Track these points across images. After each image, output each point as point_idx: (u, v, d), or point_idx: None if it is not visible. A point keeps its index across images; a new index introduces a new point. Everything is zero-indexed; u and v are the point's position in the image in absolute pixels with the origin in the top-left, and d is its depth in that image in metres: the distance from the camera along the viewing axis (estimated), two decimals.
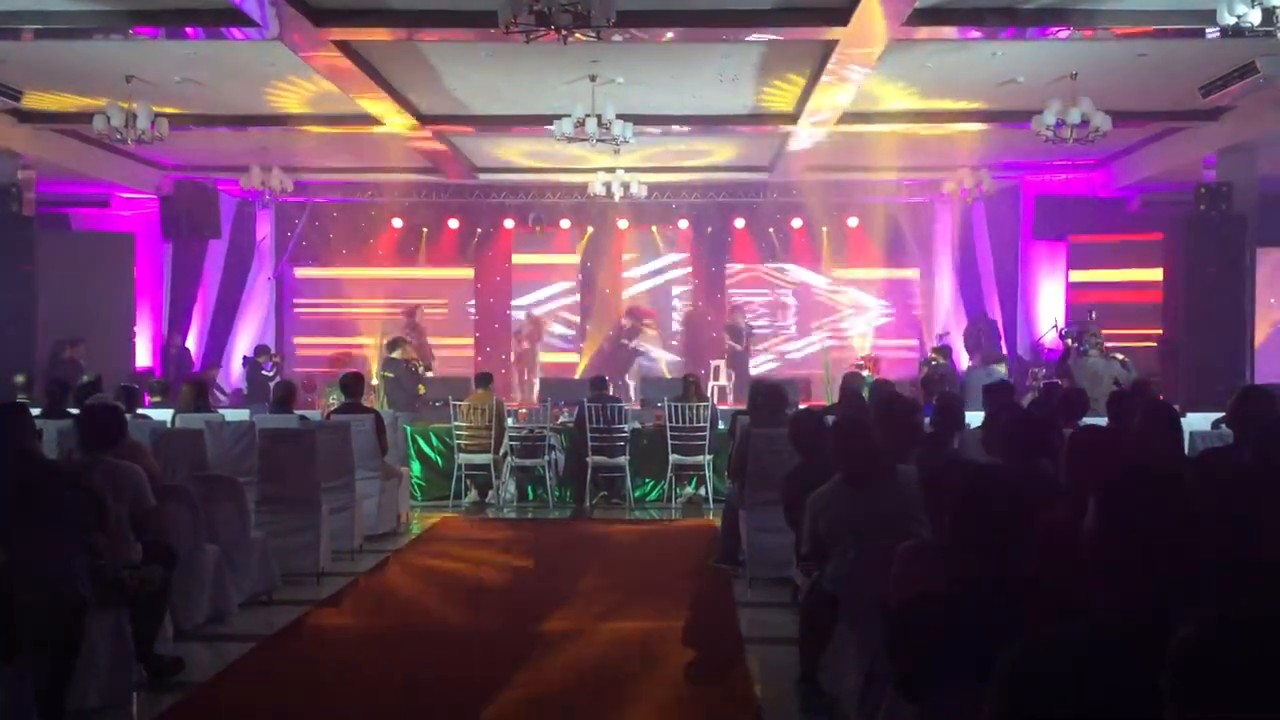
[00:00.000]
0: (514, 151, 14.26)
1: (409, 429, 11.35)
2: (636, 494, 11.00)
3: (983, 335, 14.94)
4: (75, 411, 6.92)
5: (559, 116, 10.24)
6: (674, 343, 17.61)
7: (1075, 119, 9.63)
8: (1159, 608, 2.05)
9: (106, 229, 15.34)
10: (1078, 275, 14.59)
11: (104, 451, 5.07)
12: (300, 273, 17.40)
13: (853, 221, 16.82)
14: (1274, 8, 6.51)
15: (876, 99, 11.20)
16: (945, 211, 16.73)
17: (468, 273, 17.57)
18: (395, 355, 13.15)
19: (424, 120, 12.01)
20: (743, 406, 9.95)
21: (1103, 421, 6.14)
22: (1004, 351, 14.76)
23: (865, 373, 12.81)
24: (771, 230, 17.14)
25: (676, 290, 17.84)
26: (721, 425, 10.63)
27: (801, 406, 8.93)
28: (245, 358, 15.13)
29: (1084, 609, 2.22)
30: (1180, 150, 12.63)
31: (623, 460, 10.69)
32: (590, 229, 17.11)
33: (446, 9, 8.50)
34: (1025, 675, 2.12)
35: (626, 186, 13.06)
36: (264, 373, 14.35)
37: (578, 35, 7.07)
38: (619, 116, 10.19)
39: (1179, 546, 2.23)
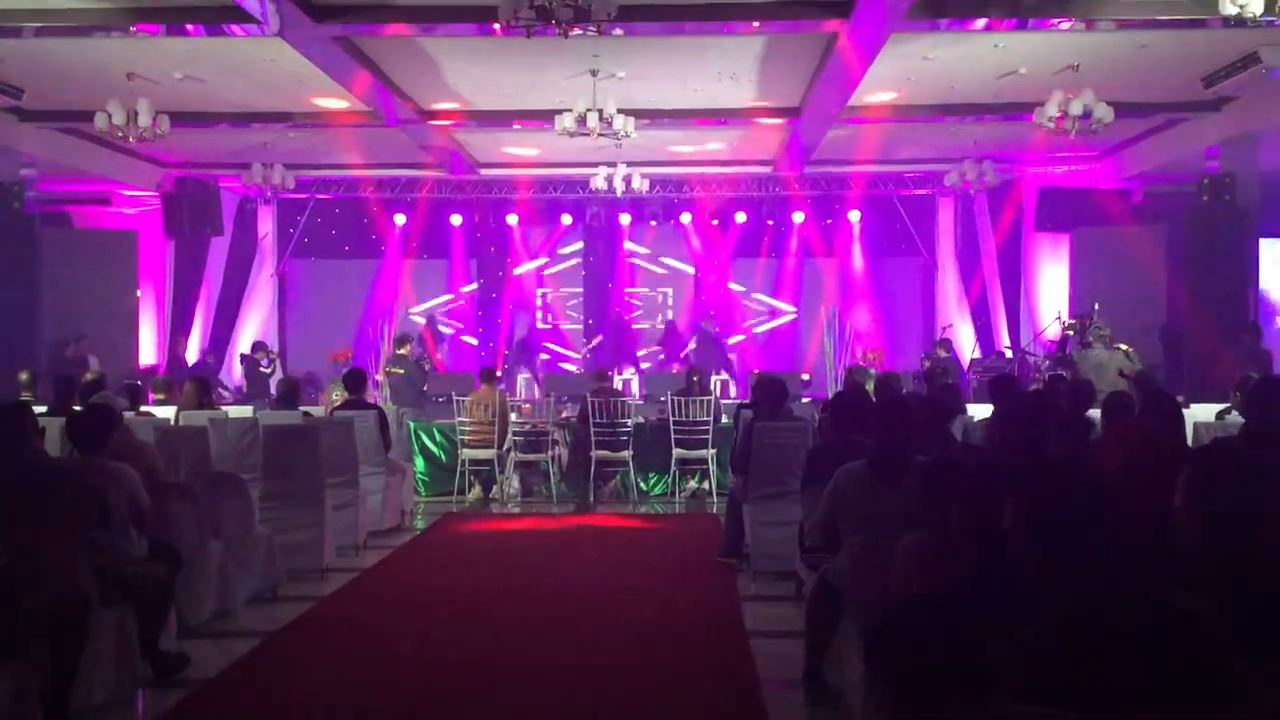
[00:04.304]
0: (516, 146, 14.25)
1: (412, 425, 11.35)
2: (640, 488, 11.00)
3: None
4: (78, 409, 6.92)
5: (560, 111, 10.24)
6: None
7: (1077, 110, 9.61)
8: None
9: (108, 226, 15.35)
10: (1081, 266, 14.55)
11: (96, 453, 5.08)
12: (302, 268, 17.39)
13: (854, 215, 16.82)
14: None
15: (878, 92, 11.18)
16: (947, 204, 16.72)
17: (471, 267, 17.59)
18: (403, 352, 13.15)
19: (425, 115, 12.01)
20: (746, 400, 9.95)
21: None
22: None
23: (871, 368, 12.76)
24: (773, 223, 17.13)
25: (679, 285, 17.79)
26: (725, 419, 10.64)
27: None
28: (243, 355, 15.14)
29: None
30: (1183, 141, 12.60)
31: (626, 454, 10.69)
32: (592, 223, 17.09)
33: (447, 4, 8.51)
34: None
35: (628, 180, 13.03)
36: (261, 369, 14.35)
37: (578, 29, 7.07)
38: (620, 111, 10.18)
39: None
